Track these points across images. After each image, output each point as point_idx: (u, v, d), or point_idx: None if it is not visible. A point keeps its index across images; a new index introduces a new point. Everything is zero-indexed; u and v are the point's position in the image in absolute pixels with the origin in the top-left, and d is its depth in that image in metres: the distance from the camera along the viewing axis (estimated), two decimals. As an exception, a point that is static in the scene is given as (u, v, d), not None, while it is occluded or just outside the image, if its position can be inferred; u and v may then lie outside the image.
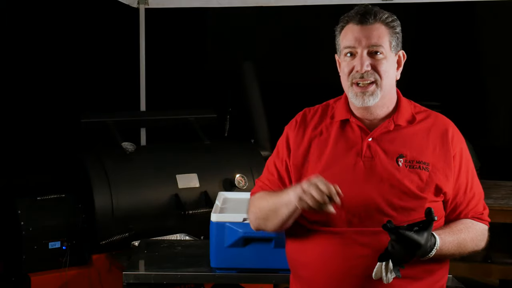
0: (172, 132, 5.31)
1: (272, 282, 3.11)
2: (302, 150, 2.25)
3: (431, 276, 2.21)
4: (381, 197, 2.14)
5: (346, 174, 2.17)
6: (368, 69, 2.15)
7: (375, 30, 2.17)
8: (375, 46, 2.16)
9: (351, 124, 2.24)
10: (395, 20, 2.23)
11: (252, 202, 2.34)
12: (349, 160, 2.19)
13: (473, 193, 2.26)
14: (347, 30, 2.20)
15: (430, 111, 2.32)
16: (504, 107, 6.92)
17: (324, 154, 2.22)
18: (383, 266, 2.02)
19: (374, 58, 2.16)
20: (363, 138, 2.21)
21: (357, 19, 2.18)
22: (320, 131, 2.27)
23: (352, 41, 2.17)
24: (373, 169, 2.17)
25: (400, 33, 2.24)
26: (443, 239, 2.11)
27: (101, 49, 5.94)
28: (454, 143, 2.24)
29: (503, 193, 4.89)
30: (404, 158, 2.18)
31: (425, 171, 2.17)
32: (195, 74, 6.53)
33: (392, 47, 2.20)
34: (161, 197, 4.45)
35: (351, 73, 2.18)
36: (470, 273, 4.72)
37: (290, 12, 5.91)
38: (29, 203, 4.28)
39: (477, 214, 2.28)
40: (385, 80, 2.18)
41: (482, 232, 2.28)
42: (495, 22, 6.72)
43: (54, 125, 5.72)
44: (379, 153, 2.18)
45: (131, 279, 3.00)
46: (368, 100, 2.17)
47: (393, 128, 2.22)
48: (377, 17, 2.18)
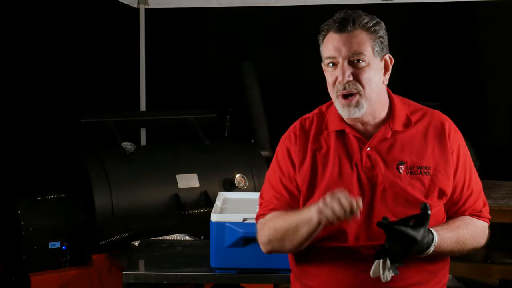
0: (172, 132, 5.30)
1: (272, 282, 3.11)
2: (308, 165, 2.20)
3: (434, 278, 2.20)
4: (386, 207, 2.12)
5: (351, 188, 2.13)
6: (349, 79, 2.10)
7: (354, 37, 2.11)
8: (356, 55, 2.10)
9: (348, 135, 2.20)
10: (377, 23, 2.16)
11: (264, 225, 2.23)
12: (351, 173, 2.15)
13: (470, 190, 2.24)
14: (328, 39, 2.15)
15: (425, 108, 2.28)
16: (504, 107, 6.92)
17: (327, 168, 2.18)
18: (381, 263, 2.00)
19: (356, 66, 2.11)
20: (362, 148, 2.18)
21: (335, 27, 2.13)
22: (320, 143, 2.22)
23: (332, 51, 2.12)
24: (375, 179, 2.14)
25: (385, 36, 2.17)
26: (442, 236, 2.09)
27: (101, 49, 5.94)
28: (452, 139, 2.21)
29: (503, 193, 4.89)
30: (404, 165, 2.15)
31: (427, 176, 2.15)
32: (195, 74, 6.52)
33: (376, 52, 2.13)
34: (161, 197, 4.46)
35: (335, 84, 2.14)
36: (470, 273, 4.71)
37: (290, 12, 5.91)
38: (29, 203, 4.28)
39: (476, 211, 2.25)
40: (369, 89, 2.12)
41: (482, 229, 2.26)
42: (495, 22, 6.72)
43: (54, 125, 5.71)
44: (379, 162, 2.15)
45: (131, 279, 3.00)
46: (354, 112, 2.13)
47: (390, 135, 2.18)
48: (356, 23, 2.12)
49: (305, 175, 2.19)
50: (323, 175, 2.18)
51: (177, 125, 5.17)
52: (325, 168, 2.18)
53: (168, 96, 5.94)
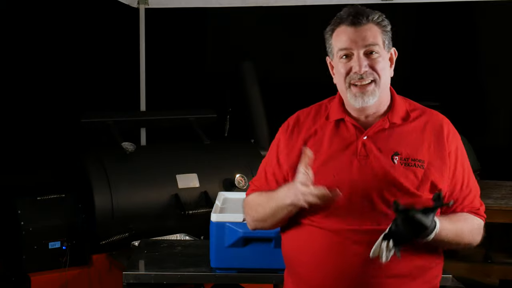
0: (172, 132, 5.30)
1: (272, 282, 3.11)
2: (297, 151, 2.25)
3: (424, 274, 2.22)
4: (377, 195, 2.15)
5: (341, 173, 2.18)
6: (366, 69, 2.17)
7: (368, 30, 2.19)
8: (371, 46, 2.18)
9: (346, 123, 2.25)
10: (384, 19, 2.24)
11: (246, 205, 2.38)
12: (344, 158, 2.20)
13: (469, 189, 2.27)
14: (340, 32, 2.21)
15: (425, 108, 2.33)
16: (504, 107, 6.92)
17: (319, 153, 2.22)
18: (385, 244, 2.02)
19: (370, 58, 2.18)
20: (358, 137, 2.22)
21: (349, 20, 2.19)
22: (315, 131, 2.28)
23: (347, 43, 2.19)
24: (368, 167, 2.18)
25: (390, 32, 2.25)
26: (443, 224, 2.11)
27: (101, 49, 5.94)
28: (450, 140, 2.24)
29: (503, 193, 4.89)
30: (399, 156, 2.19)
31: (420, 169, 2.18)
32: (195, 74, 6.52)
33: (385, 45, 2.22)
34: (161, 197, 4.46)
35: (348, 75, 2.19)
36: (470, 273, 4.72)
37: (290, 12, 5.91)
38: (29, 203, 4.28)
39: (474, 209, 2.28)
40: (383, 79, 2.20)
41: (479, 226, 2.29)
42: (495, 22, 6.72)
43: (54, 125, 5.72)
44: (374, 151, 2.19)
45: (131, 279, 3.00)
46: (368, 100, 2.19)
47: (388, 126, 2.23)
48: (369, 18, 2.20)
49: (294, 161, 2.23)
50: (315, 159, 2.20)
51: (177, 125, 5.17)
52: (317, 153, 2.21)
53: (168, 96, 5.94)
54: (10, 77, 5.64)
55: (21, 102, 5.70)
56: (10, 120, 5.61)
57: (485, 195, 4.86)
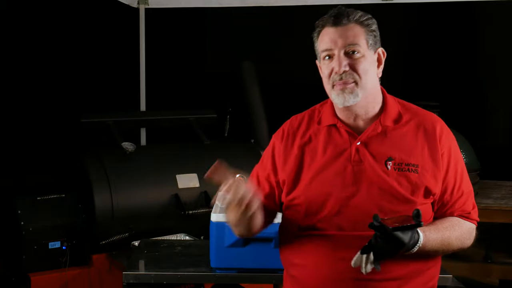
0: (172, 132, 5.30)
1: (272, 282, 3.12)
2: (293, 159, 2.25)
3: (420, 277, 2.22)
4: (371, 201, 2.15)
5: (336, 180, 2.18)
6: (346, 69, 2.15)
7: (349, 30, 2.18)
8: (351, 45, 2.16)
9: (339, 129, 2.24)
10: (369, 18, 2.23)
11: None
12: (338, 165, 2.19)
13: (461, 192, 2.25)
14: (323, 34, 2.21)
15: (417, 108, 2.31)
16: (504, 107, 6.92)
17: (314, 161, 2.22)
18: (364, 257, 2.03)
19: (352, 57, 2.16)
20: (352, 143, 2.21)
21: (331, 21, 2.19)
22: (309, 137, 2.27)
23: (328, 43, 2.18)
24: (362, 173, 2.17)
25: (377, 31, 2.24)
26: (427, 237, 2.11)
27: (101, 49, 5.94)
28: (443, 141, 2.23)
29: (503, 193, 4.89)
30: (392, 161, 2.18)
31: (414, 173, 2.17)
32: (195, 74, 6.52)
33: (370, 45, 2.19)
34: (161, 197, 4.46)
35: (331, 76, 2.18)
36: (470, 273, 4.72)
37: (290, 12, 5.91)
38: (29, 203, 4.28)
39: (465, 213, 2.27)
40: (365, 79, 2.17)
41: (469, 230, 2.27)
42: (495, 22, 6.72)
43: (54, 125, 5.72)
44: (367, 157, 2.19)
45: (131, 279, 3.00)
46: (349, 98, 2.16)
47: (381, 130, 2.22)
48: (351, 17, 2.19)
49: (291, 169, 2.24)
50: (309, 167, 2.21)
51: (177, 125, 5.17)
52: (312, 161, 2.22)
53: (168, 96, 5.94)
54: (10, 77, 5.64)
55: (21, 102, 5.70)
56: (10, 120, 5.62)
57: (485, 195, 4.89)
